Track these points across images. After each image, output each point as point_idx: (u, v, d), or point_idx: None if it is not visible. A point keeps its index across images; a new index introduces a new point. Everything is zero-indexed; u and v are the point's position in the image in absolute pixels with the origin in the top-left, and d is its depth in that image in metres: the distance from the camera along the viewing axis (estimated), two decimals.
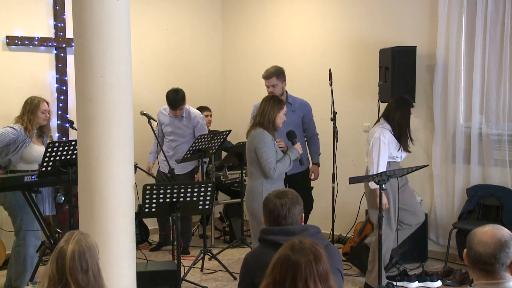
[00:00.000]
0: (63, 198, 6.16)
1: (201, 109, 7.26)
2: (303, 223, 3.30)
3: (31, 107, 5.44)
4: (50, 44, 6.61)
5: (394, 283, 5.55)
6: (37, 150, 5.44)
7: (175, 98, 6.38)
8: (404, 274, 5.64)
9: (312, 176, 6.04)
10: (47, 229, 5.73)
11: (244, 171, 6.54)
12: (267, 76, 5.93)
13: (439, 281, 5.54)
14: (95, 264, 2.47)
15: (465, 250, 2.54)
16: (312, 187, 6.16)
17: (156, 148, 6.51)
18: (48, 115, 5.54)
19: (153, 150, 6.65)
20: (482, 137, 6.01)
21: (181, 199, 4.59)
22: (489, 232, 2.46)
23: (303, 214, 3.33)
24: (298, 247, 2.26)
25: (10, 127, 5.45)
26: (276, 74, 5.91)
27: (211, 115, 7.35)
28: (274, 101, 5.01)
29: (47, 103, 5.56)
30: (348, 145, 6.82)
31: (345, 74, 6.94)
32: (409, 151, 5.40)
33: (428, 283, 5.52)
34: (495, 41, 5.88)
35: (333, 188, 6.43)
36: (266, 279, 2.30)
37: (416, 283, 5.52)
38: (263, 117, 4.97)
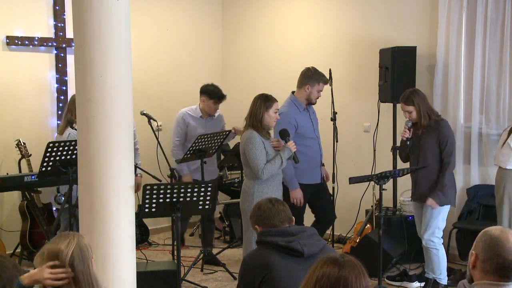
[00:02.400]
0: (63, 198, 6.17)
1: None
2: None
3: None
4: (50, 44, 6.61)
5: (393, 282, 5.56)
6: None
7: (220, 90, 6.20)
8: (404, 274, 5.64)
9: (326, 179, 5.91)
10: (47, 229, 5.73)
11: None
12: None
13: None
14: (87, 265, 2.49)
15: (475, 254, 2.48)
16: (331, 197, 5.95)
17: (183, 152, 5.99)
18: None
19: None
20: (482, 137, 6.02)
21: (181, 199, 4.59)
22: None
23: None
24: (343, 261, 2.22)
25: (74, 129, 5.47)
26: None
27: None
28: (261, 100, 4.99)
29: None
30: (348, 145, 6.82)
31: (345, 74, 6.93)
32: None
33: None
34: (495, 41, 5.88)
35: (333, 188, 6.43)
36: None
37: (416, 283, 5.51)
38: (252, 118, 4.97)
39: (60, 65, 6.69)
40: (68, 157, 5.16)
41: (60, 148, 5.15)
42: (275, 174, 4.96)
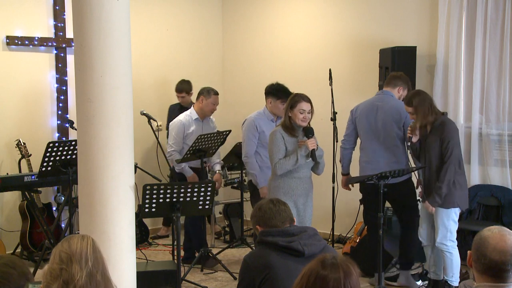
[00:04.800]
0: (63, 198, 6.18)
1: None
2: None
3: None
4: (50, 44, 6.61)
5: (396, 283, 5.55)
6: None
7: (287, 88, 5.83)
8: None
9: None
10: (47, 229, 5.73)
11: (244, 171, 6.53)
12: None
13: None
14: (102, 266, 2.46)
15: (470, 253, 2.49)
16: (418, 200, 5.52)
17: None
18: None
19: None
20: (482, 137, 6.02)
21: (181, 199, 4.59)
22: (503, 239, 2.41)
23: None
24: (329, 263, 2.24)
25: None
26: None
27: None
28: (289, 99, 5.02)
29: None
30: None
31: (345, 74, 6.94)
32: None
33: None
34: (495, 41, 5.88)
35: (333, 188, 6.43)
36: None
37: (420, 282, 5.52)
38: (284, 116, 5.05)
39: (60, 65, 6.69)
40: (68, 157, 5.16)
41: (60, 148, 5.15)
42: (293, 171, 4.89)
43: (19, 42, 6.41)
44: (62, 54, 6.69)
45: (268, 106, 5.91)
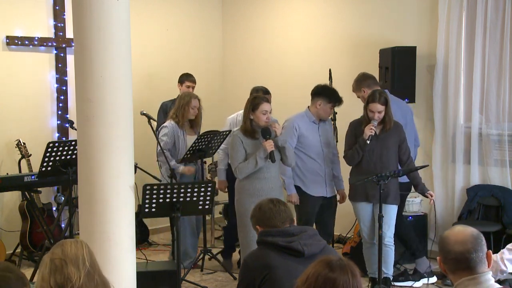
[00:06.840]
0: (63, 198, 6.18)
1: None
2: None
3: (183, 102, 5.84)
4: (50, 44, 6.61)
5: (398, 283, 5.55)
6: (189, 139, 5.87)
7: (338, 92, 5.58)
8: (408, 274, 5.63)
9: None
10: (47, 229, 5.74)
11: None
12: None
13: (435, 277, 5.62)
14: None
15: (439, 258, 2.55)
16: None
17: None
18: (197, 111, 5.93)
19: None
20: (482, 137, 6.02)
21: (181, 199, 4.59)
22: (461, 232, 2.53)
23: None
24: (337, 264, 2.24)
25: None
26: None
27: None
28: (249, 101, 5.03)
29: (199, 99, 5.92)
30: None
31: (345, 74, 6.92)
32: None
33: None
34: (495, 41, 5.89)
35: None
36: None
37: (421, 282, 5.52)
38: (243, 119, 5.04)
39: (60, 65, 6.69)
40: (68, 157, 5.16)
41: (60, 148, 5.15)
42: (259, 172, 4.91)
43: (19, 42, 6.41)
44: (62, 54, 6.69)
45: (313, 107, 5.54)
